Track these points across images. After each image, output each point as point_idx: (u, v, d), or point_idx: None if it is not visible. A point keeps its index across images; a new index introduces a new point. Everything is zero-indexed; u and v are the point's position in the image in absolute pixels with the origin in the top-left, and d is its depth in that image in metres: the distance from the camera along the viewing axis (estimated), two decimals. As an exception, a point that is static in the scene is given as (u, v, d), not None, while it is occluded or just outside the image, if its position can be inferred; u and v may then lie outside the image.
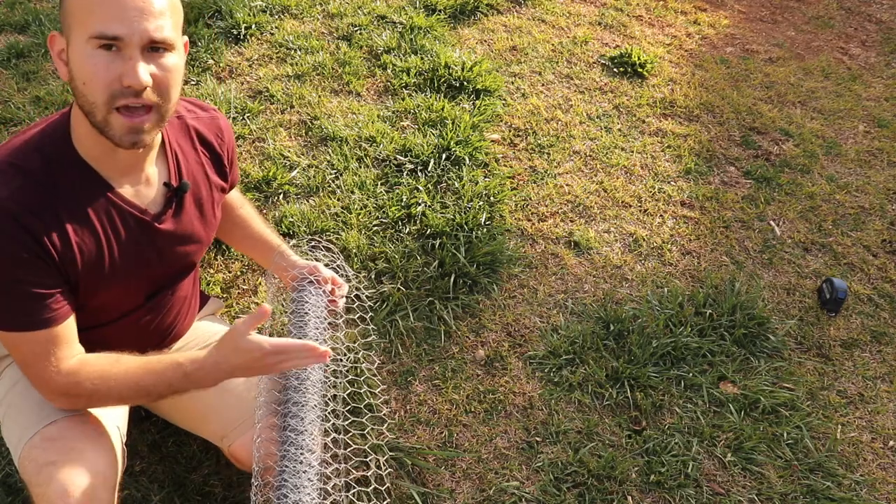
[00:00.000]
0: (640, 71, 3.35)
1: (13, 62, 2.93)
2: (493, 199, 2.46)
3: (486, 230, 2.32)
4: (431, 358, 1.96)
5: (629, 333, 2.07)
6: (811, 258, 2.51)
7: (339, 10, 3.45)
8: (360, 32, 3.29)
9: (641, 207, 2.60)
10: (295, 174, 2.46)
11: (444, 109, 2.82)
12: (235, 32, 3.15)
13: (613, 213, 2.55)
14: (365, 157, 2.57)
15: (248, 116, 2.70)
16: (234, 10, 3.24)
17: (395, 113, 2.82)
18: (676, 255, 2.43)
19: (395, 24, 3.39)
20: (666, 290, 2.26)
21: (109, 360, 1.14)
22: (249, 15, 3.25)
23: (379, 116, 2.79)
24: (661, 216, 2.58)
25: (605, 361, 1.99)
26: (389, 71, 3.06)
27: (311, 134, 2.66)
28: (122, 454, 1.22)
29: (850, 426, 1.95)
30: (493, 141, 2.78)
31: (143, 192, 1.18)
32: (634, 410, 1.90)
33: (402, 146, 2.61)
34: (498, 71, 3.19)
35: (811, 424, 1.92)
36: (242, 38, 3.14)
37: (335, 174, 2.48)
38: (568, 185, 2.64)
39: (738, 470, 1.79)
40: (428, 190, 2.44)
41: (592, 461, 1.74)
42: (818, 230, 2.64)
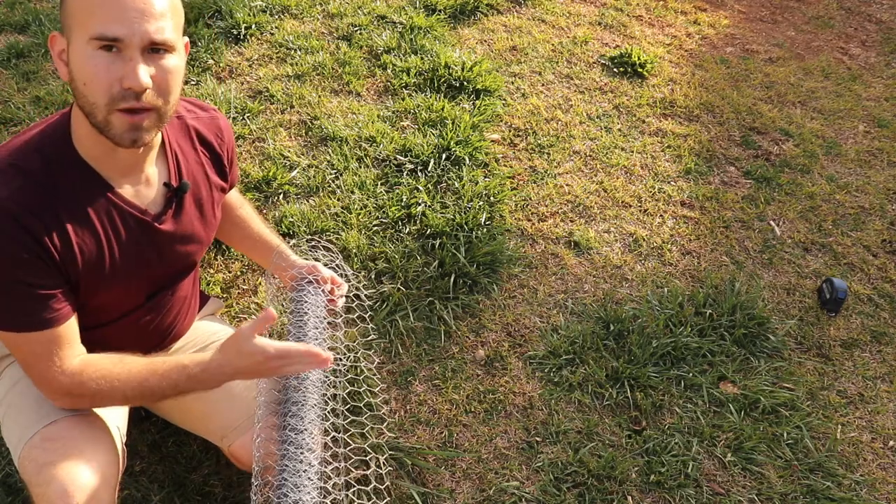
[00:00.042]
0: (640, 71, 3.35)
1: (13, 62, 2.93)
2: (493, 199, 2.46)
3: (486, 230, 2.32)
4: (431, 358, 1.96)
5: (629, 333, 2.07)
6: (811, 258, 2.51)
7: (339, 10, 3.45)
8: (360, 32, 3.29)
9: (641, 207, 2.60)
10: (295, 174, 2.46)
11: (444, 109, 2.82)
12: (235, 32, 3.15)
13: (613, 213, 2.55)
14: (365, 157, 2.57)
15: (248, 116, 2.70)
16: (234, 10, 3.24)
17: (395, 113, 2.82)
18: (676, 255, 2.43)
19: (395, 24, 3.39)
20: (666, 290, 2.26)
21: (113, 360, 1.15)
22: (249, 15, 3.25)
23: (379, 116, 2.79)
24: (661, 216, 2.58)
25: (605, 361, 1.99)
26: (389, 71, 3.06)
27: (311, 134, 2.66)
28: (122, 454, 1.22)
29: (850, 426, 1.95)
30: (493, 141, 2.78)
31: (143, 192, 1.18)
32: (634, 410, 1.90)
33: (402, 146, 2.61)
34: (498, 71, 3.19)
35: (811, 424, 1.92)
36: (242, 38, 3.14)
37: (335, 174, 2.48)
38: (568, 185, 2.64)
39: (738, 470, 1.79)
40: (428, 190, 2.44)
41: (592, 461, 1.74)
42: (818, 230, 2.64)
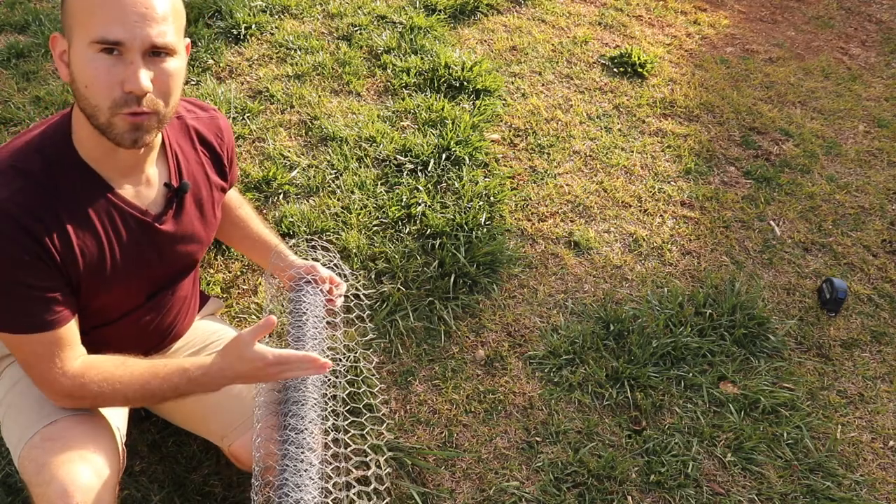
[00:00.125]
0: (640, 71, 3.35)
1: (13, 62, 2.93)
2: (493, 199, 2.46)
3: (486, 230, 2.32)
4: (431, 358, 1.96)
5: (629, 333, 2.07)
6: (811, 258, 2.51)
7: (339, 10, 3.45)
8: (360, 32, 3.29)
9: (641, 207, 2.60)
10: (295, 174, 2.46)
11: (444, 109, 2.82)
12: (235, 32, 3.15)
13: (613, 213, 2.56)
14: (365, 157, 2.57)
15: (248, 116, 2.70)
16: (234, 10, 3.24)
17: (395, 113, 2.82)
18: (676, 255, 2.43)
19: (395, 24, 3.39)
20: (666, 290, 2.26)
21: (115, 362, 1.15)
22: (249, 15, 3.25)
23: (379, 116, 2.79)
24: (661, 216, 2.58)
25: (605, 361, 1.99)
26: (389, 71, 3.06)
27: (311, 134, 2.66)
28: (122, 454, 1.22)
29: (850, 426, 1.95)
30: (493, 141, 2.78)
31: (143, 192, 1.18)
32: (634, 410, 1.90)
33: (402, 146, 2.61)
34: (498, 71, 3.19)
35: (811, 424, 1.92)
36: (242, 38, 3.14)
37: (335, 174, 2.48)
38: (568, 185, 2.64)
39: (738, 470, 1.79)
40: (428, 190, 2.44)
41: (592, 461, 1.74)
42: (818, 230, 2.64)
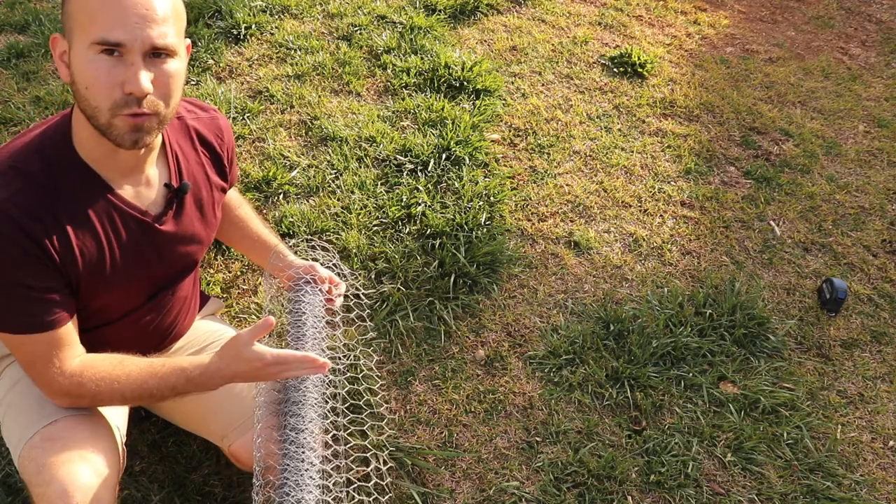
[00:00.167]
0: (640, 71, 3.35)
1: (13, 62, 2.93)
2: (493, 199, 2.46)
3: (486, 230, 2.32)
4: (431, 358, 1.96)
5: (629, 333, 2.07)
6: (811, 258, 2.52)
7: (339, 10, 3.45)
8: (360, 32, 3.29)
9: (641, 207, 2.60)
10: (295, 174, 2.46)
11: (444, 109, 2.82)
12: (235, 32, 3.15)
13: (613, 213, 2.56)
14: (365, 157, 2.57)
15: (248, 116, 2.70)
16: (234, 10, 3.24)
17: (395, 113, 2.82)
18: (676, 255, 2.43)
19: (395, 24, 3.39)
20: (666, 290, 2.26)
21: (113, 362, 1.15)
22: (249, 15, 3.25)
23: (379, 116, 2.79)
24: (661, 216, 2.58)
25: (605, 361, 1.99)
26: (389, 71, 3.06)
27: (311, 134, 2.66)
28: (122, 454, 1.22)
29: (850, 426, 1.95)
30: (493, 141, 2.78)
31: (143, 193, 1.18)
32: (634, 410, 1.90)
33: (402, 146, 2.61)
34: (498, 71, 3.19)
35: (811, 424, 1.92)
36: (242, 38, 3.14)
37: (335, 174, 2.48)
38: (568, 185, 2.64)
39: (738, 470, 1.79)
40: (428, 190, 2.44)
41: (592, 461, 1.74)
42: (818, 230, 2.64)
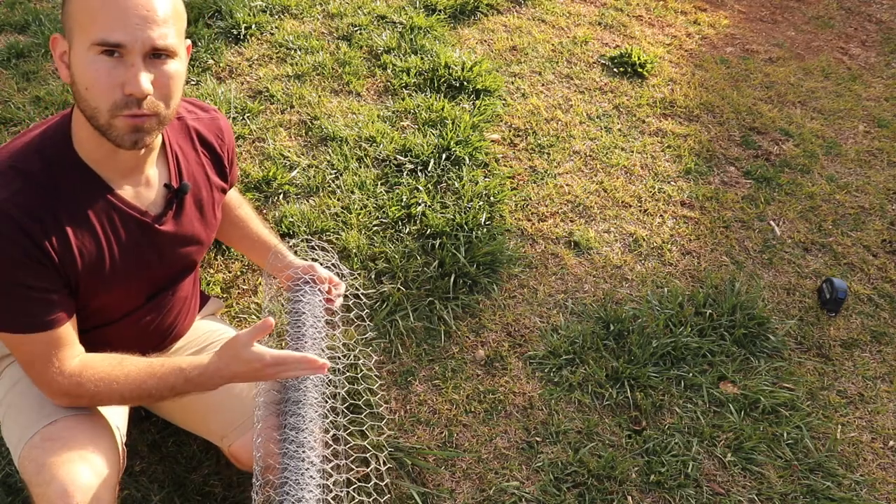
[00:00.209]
0: (640, 71, 3.35)
1: (13, 62, 2.93)
2: (493, 199, 2.46)
3: (486, 230, 2.32)
4: (431, 358, 1.96)
5: (629, 333, 2.07)
6: (811, 258, 2.52)
7: (339, 10, 3.45)
8: (360, 32, 3.29)
9: (641, 207, 2.60)
10: (295, 174, 2.46)
11: (444, 109, 2.82)
12: (235, 32, 3.15)
13: (613, 213, 2.56)
14: (365, 157, 2.57)
15: (248, 116, 2.70)
16: (234, 10, 3.24)
17: (395, 113, 2.82)
18: (676, 255, 2.43)
19: (395, 24, 3.39)
20: (666, 290, 2.26)
21: (112, 362, 1.15)
22: (249, 15, 3.25)
23: (379, 116, 2.79)
24: (661, 216, 2.58)
25: (605, 361, 1.99)
26: (389, 71, 3.06)
27: (311, 134, 2.66)
28: (122, 454, 1.22)
29: (850, 426, 1.95)
30: (493, 141, 2.78)
31: (143, 193, 1.18)
32: (634, 410, 1.90)
33: (402, 146, 2.61)
34: (498, 71, 3.19)
35: (811, 424, 1.92)
36: (242, 38, 3.14)
37: (335, 174, 2.48)
38: (568, 185, 2.64)
39: (738, 470, 1.79)
40: (428, 190, 2.44)
41: (592, 461, 1.74)
42: (818, 230, 2.64)
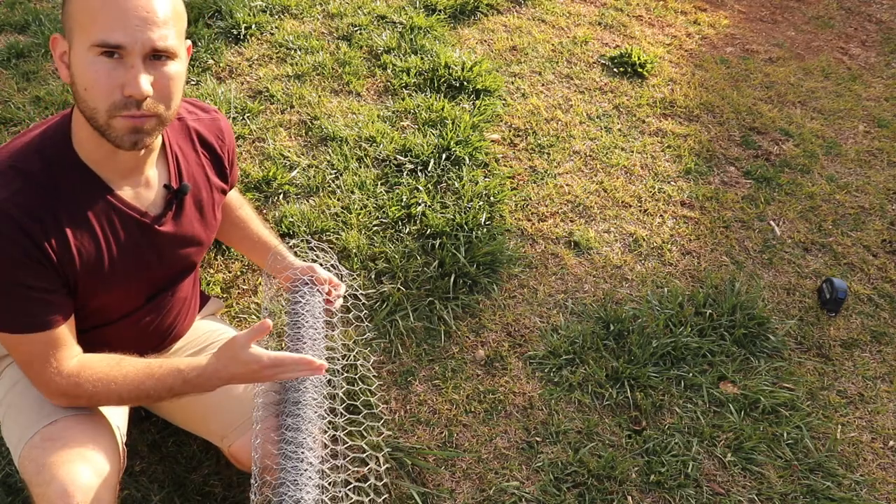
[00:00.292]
0: (640, 71, 3.35)
1: (13, 62, 2.93)
2: (493, 199, 2.46)
3: (486, 230, 2.32)
4: (431, 358, 1.96)
5: (629, 333, 2.07)
6: (811, 258, 2.51)
7: (339, 10, 3.45)
8: (360, 32, 3.29)
9: (641, 207, 2.60)
10: (295, 174, 2.46)
11: (444, 109, 2.82)
12: (235, 32, 3.15)
13: (613, 213, 2.56)
14: (365, 157, 2.57)
15: (248, 116, 2.70)
16: (234, 10, 3.24)
17: (395, 113, 2.82)
18: (676, 255, 2.43)
19: (395, 24, 3.39)
20: (666, 290, 2.26)
21: (111, 363, 1.15)
22: (249, 15, 3.25)
23: (379, 116, 2.79)
24: (661, 216, 2.58)
25: (605, 361, 1.99)
26: (389, 71, 3.06)
27: (311, 134, 2.66)
28: (122, 454, 1.22)
29: (850, 426, 1.95)
30: (493, 141, 2.78)
31: (143, 194, 1.18)
32: (634, 410, 1.90)
33: (402, 146, 2.61)
34: (498, 71, 3.19)
35: (811, 424, 1.92)
36: (242, 38, 3.14)
37: (335, 174, 2.48)
38: (568, 185, 2.64)
39: (738, 470, 1.79)
40: (428, 190, 2.44)
41: (592, 461, 1.74)
42: (818, 230, 2.64)
